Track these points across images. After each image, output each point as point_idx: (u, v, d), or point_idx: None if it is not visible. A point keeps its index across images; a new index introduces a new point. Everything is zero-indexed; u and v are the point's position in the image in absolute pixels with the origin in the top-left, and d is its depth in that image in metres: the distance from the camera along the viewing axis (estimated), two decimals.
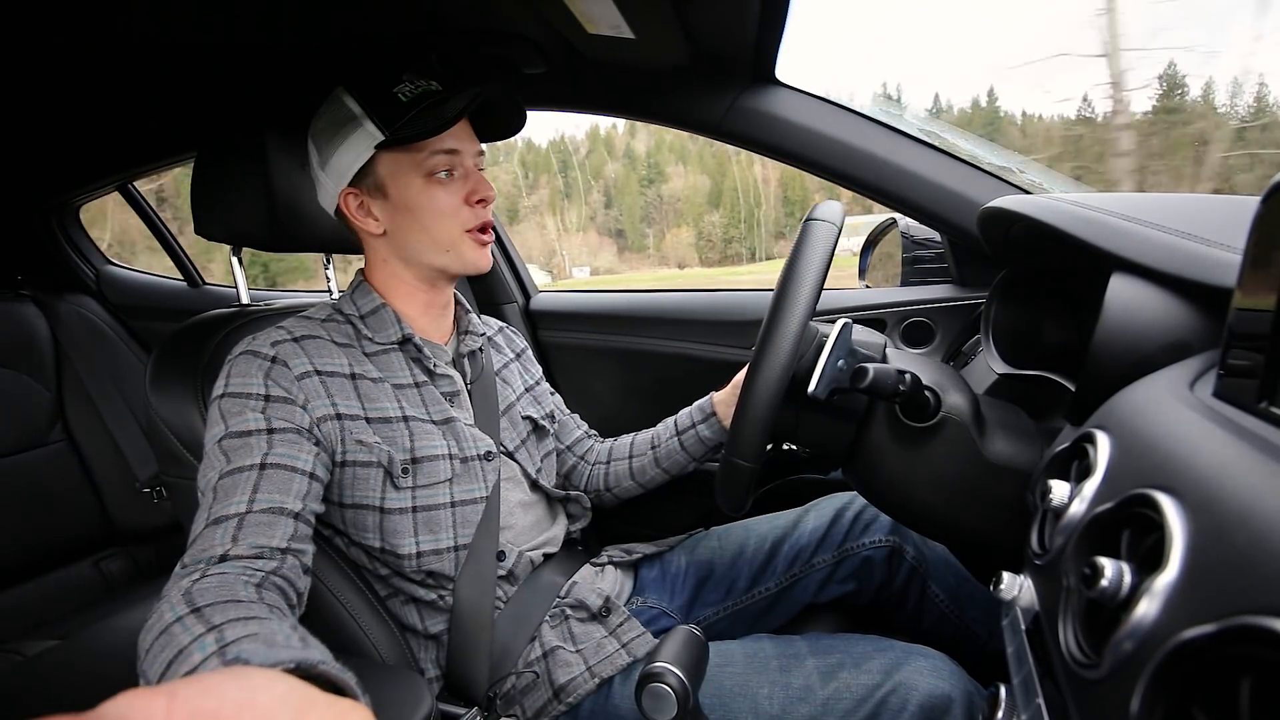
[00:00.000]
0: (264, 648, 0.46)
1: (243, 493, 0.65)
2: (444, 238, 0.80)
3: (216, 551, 0.62)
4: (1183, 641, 0.29)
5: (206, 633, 0.50)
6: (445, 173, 0.79)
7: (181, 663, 0.48)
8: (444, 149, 0.79)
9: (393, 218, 0.81)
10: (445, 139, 0.79)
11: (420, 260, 0.82)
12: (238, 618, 0.52)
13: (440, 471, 0.79)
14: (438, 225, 0.80)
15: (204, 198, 0.96)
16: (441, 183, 0.79)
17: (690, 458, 1.00)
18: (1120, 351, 0.55)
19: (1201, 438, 0.39)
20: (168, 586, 0.59)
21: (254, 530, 0.64)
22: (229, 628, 0.50)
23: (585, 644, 0.81)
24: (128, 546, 1.65)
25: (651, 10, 0.87)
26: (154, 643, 0.52)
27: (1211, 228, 0.57)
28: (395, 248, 0.83)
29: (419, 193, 0.79)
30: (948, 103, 12.23)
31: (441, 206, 0.79)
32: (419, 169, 0.78)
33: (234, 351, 0.75)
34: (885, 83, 23.67)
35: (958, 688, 0.68)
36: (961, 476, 0.68)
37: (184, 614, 0.53)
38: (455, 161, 0.80)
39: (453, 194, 0.80)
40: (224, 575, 0.59)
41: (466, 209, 0.81)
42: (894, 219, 1.30)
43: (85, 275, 1.87)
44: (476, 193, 0.81)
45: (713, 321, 1.37)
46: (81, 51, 0.98)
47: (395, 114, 0.77)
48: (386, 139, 0.77)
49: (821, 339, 0.72)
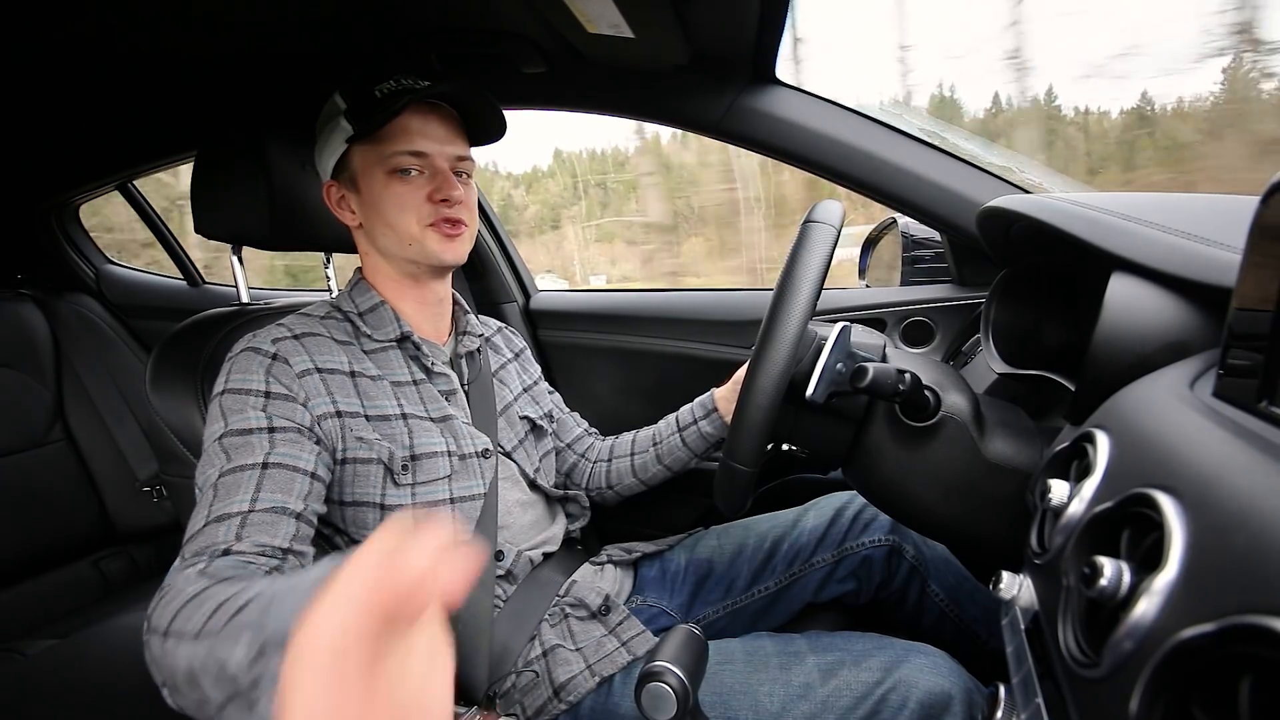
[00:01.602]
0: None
1: (245, 491, 0.65)
2: (405, 232, 0.81)
3: (220, 546, 0.61)
4: (1182, 641, 0.29)
5: (251, 585, 0.47)
6: (412, 171, 0.80)
7: (233, 605, 0.46)
8: (409, 149, 0.79)
9: (364, 211, 0.83)
10: (414, 139, 0.79)
11: (390, 253, 0.83)
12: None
13: (439, 468, 0.80)
14: (398, 219, 0.80)
15: (204, 197, 0.96)
16: (403, 179, 0.80)
17: (692, 454, 1.00)
18: (1120, 351, 0.55)
19: (1201, 437, 0.39)
20: (171, 578, 0.58)
21: (257, 529, 0.63)
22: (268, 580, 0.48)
23: (585, 642, 0.81)
24: (127, 546, 1.65)
25: (651, 10, 0.87)
26: (184, 607, 0.50)
27: (1211, 228, 0.57)
28: (371, 241, 0.85)
29: (382, 188, 0.80)
30: (1008, 100, 12.03)
31: (402, 201, 0.80)
32: (383, 164, 0.79)
33: (234, 349, 0.75)
34: (940, 83, 22.23)
35: (958, 685, 0.68)
36: (961, 476, 0.68)
37: (211, 584, 0.52)
38: (423, 163, 0.80)
39: (414, 190, 0.80)
40: (233, 563, 0.59)
41: (427, 205, 0.81)
42: (894, 219, 1.30)
43: (85, 274, 1.87)
44: (440, 191, 0.80)
45: (713, 321, 1.37)
46: (82, 51, 0.98)
47: (368, 109, 0.78)
48: (355, 133, 0.79)
49: (820, 342, 0.71)
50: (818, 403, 0.66)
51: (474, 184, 0.87)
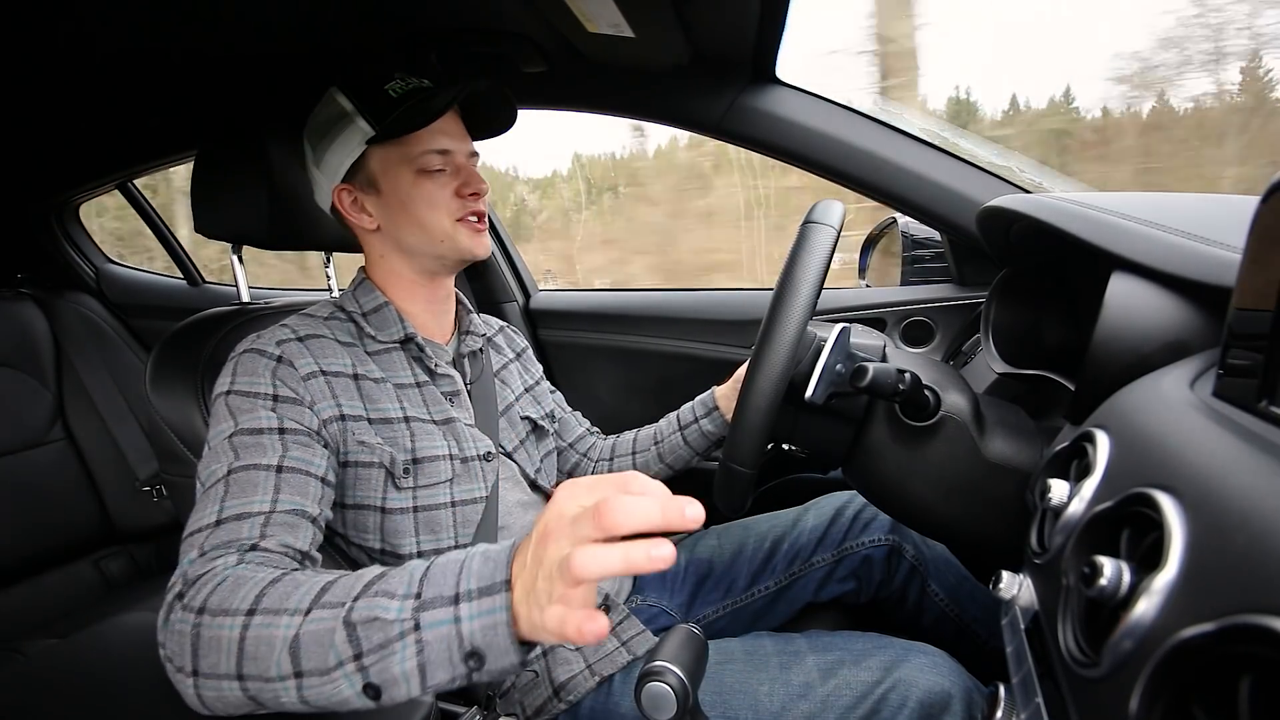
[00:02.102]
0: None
1: (264, 492, 0.64)
2: (437, 229, 0.81)
3: (247, 542, 0.60)
4: (1182, 640, 0.29)
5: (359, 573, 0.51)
6: (437, 169, 0.80)
7: (354, 581, 0.50)
8: (436, 149, 0.79)
9: (386, 212, 0.82)
10: (438, 138, 0.79)
11: (417, 251, 0.83)
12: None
13: (441, 472, 0.79)
14: (430, 217, 0.80)
15: (204, 197, 0.96)
16: (432, 176, 0.80)
17: (694, 452, 1.00)
18: (1120, 351, 0.56)
19: (1201, 437, 0.39)
20: (200, 567, 0.56)
21: (280, 530, 0.62)
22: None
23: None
24: (127, 545, 1.64)
25: (651, 9, 0.87)
26: (269, 587, 0.52)
27: (1211, 227, 0.57)
28: (391, 242, 0.83)
29: (411, 186, 0.79)
30: (1025, 103, 11.91)
31: (433, 198, 0.80)
32: (410, 164, 0.79)
33: (238, 349, 0.75)
34: (957, 85, 22.42)
35: (957, 684, 0.68)
36: (961, 475, 0.68)
37: (287, 572, 0.53)
38: (447, 160, 0.81)
39: (443, 186, 0.81)
40: (263, 559, 0.59)
41: (457, 200, 0.81)
42: (894, 218, 1.30)
43: (85, 274, 1.87)
44: (468, 185, 0.81)
45: (713, 321, 1.37)
46: (82, 51, 0.98)
47: (385, 110, 0.78)
48: (377, 134, 0.78)
49: (819, 344, 0.71)
50: (817, 404, 0.66)
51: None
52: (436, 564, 0.49)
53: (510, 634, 0.44)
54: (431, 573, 0.48)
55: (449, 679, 0.46)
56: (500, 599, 0.44)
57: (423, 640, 0.45)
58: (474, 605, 0.45)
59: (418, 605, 0.46)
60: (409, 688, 0.46)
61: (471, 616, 0.45)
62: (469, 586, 0.46)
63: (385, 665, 0.46)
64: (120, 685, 0.62)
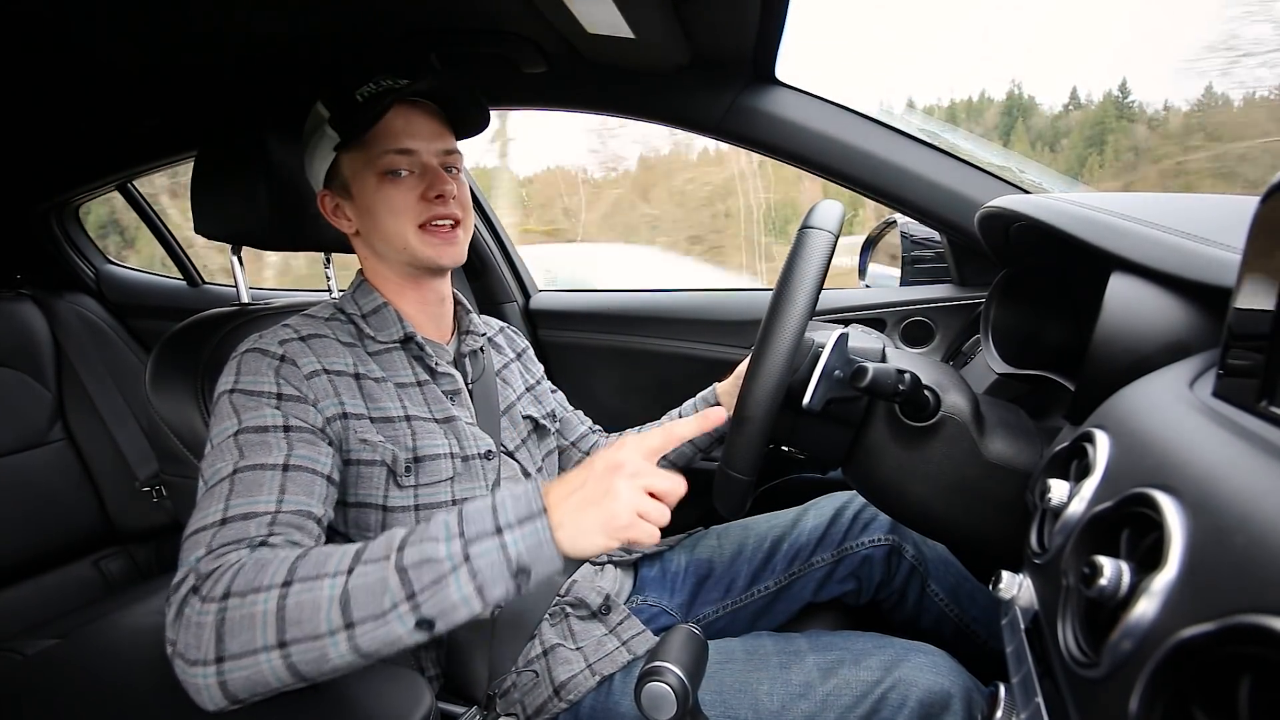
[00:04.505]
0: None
1: (269, 491, 0.64)
2: (396, 236, 0.80)
3: (256, 539, 0.60)
4: (1182, 641, 0.29)
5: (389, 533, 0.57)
6: (402, 171, 0.79)
7: (394, 537, 0.56)
8: (396, 148, 0.78)
9: (359, 217, 0.82)
10: (400, 138, 0.79)
11: (388, 257, 0.83)
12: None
13: (442, 470, 0.79)
14: (390, 223, 0.80)
15: (204, 197, 0.96)
16: (395, 181, 0.79)
17: (695, 449, 1.00)
18: (1120, 351, 0.56)
19: (1201, 437, 0.39)
20: (215, 560, 0.57)
21: (287, 528, 0.63)
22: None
23: (585, 642, 0.81)
24: (127, 546, 1.65)
25: (651, 10, 0.87)
26: (301, 560, 0.55)
27: (1211, 227, 0.57)
28: (369, 246, 0.84)
29: (374, 192, 0.79)
30: (1087, 97, 11.52)
31: (394, 205, 0.79)
32: (373, 168, 0.79)
33: (240, 348, 0.75)
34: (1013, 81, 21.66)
35: (957, 684, 0.68)
36: (961, 476, 0.68)
37: (309, 550, 0.57)
38: (412, 161, 0.80)
39: (406, 191, 0.79)
40: (276, 552, 0.59)
41: (420, 204, 0.80)
42: (894, 219, 1.30)
43: (85, 274, 1.87)
44: (433, 188, 0.80)
45: (713, 321, 1.37)
46: (82, 51, 0.98)
47: (350, 114, 0.78)
48: (341, 140, 0.78)
49: (817, 351, 0.71)
50: (815, 410, 0.66)
51: (465, 179, 0.86)
52: (467, 511, 0.56)
53: (554, 547, 0.55)
54: (467, 515, 0.56)
55: (504, 594, 0.54)
56: (541, 522, 0.55)
57: (475, 568, 0.53)
58: (516, 532, 0.54)
59: (465, 543, 0.54)
60: (470, 608, 0.54)
61: (515, 542, 0.54)
62: (508, 520, 0.55)
63: (442, 596, 0.53)
64: (120, 685, 0.62)
